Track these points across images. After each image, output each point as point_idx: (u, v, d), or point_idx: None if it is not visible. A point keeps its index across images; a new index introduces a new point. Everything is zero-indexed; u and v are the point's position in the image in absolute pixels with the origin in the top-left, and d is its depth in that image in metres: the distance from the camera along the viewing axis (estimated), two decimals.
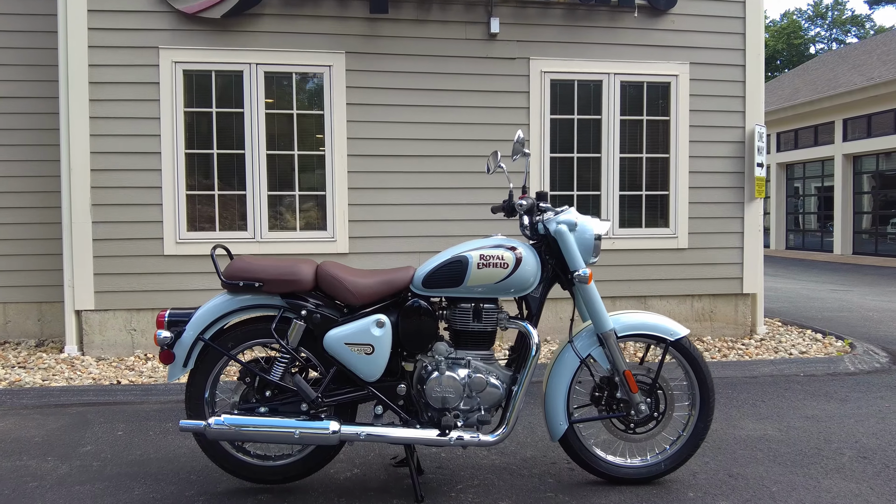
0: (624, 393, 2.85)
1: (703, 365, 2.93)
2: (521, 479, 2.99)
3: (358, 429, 2.66)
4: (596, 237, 2.82)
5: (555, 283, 2.90)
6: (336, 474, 3.05)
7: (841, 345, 6.05)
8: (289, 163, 5.77)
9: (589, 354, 2.85)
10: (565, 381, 2.83)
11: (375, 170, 5.82)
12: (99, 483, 2.97)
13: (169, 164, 5.54)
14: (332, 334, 2.68)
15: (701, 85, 6.29)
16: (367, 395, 2.74)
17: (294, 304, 2.72)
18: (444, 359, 2.73)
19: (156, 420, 3.92)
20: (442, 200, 5.89)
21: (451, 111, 5.90)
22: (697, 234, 6.30)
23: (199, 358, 2.76)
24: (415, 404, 2.77)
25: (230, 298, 2.76)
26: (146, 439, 3.57)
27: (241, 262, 2.74)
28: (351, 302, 2.72)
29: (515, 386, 2.76)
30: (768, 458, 3.27)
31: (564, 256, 2.78)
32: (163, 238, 5.55)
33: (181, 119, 5.57)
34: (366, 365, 2.68)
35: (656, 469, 2.94)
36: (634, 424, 2.89)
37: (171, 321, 2.74)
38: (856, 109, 16.44)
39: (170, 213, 5.55)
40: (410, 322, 2.72)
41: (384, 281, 2.75)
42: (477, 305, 2.75)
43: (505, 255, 2.71)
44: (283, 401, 2.73)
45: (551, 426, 2.85)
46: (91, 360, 5.37)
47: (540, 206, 2.82)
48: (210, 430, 2.61)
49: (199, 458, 3.22)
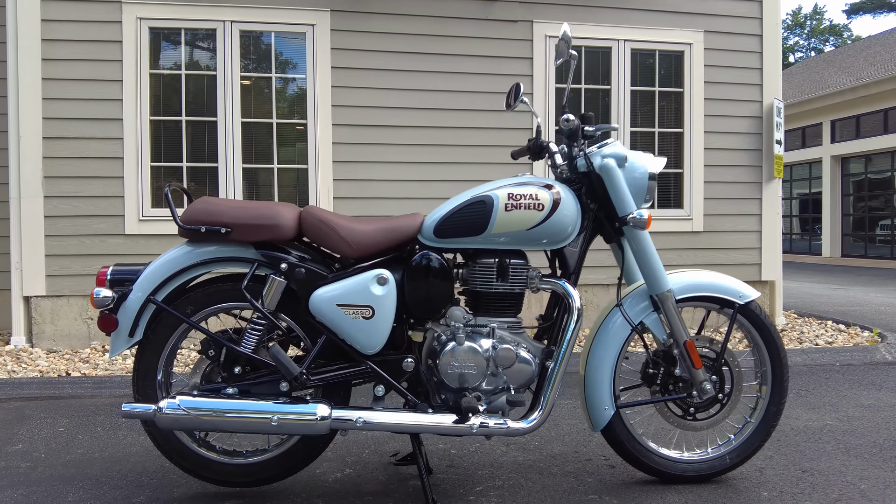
0: (684, 369, 2.30)
1: (777, 335, 2.39)
2: (552, 479, 2.43)
3: (353, 413, 2.08)
4: (650, 176, 2.28)
5: (596, 235, 2.35)
6: (323, 475, 2.46)
7: (869, 335, 5.58)
8: (266, 132, 5.18)
9: (641, 322, 2.30)
10: (612, 354, 2.28)
11: (363, 141, 5.25)
12: (23, 488, 2.35)
13: (132, 133, 4.92)
14: (321, 294, 2.10)
15: (716, 55, 5.81)
16: (364, 371, 2.16)
17: (271, 257, 2.13)
18: (463, 326, 2.17)
19: (105, 415, 3.30)
20: (437, 176, 5.32)
21: (449, 77, 5.35)
22: (713, 215, 5.80)
23: (150, 326, 2.16)
24: (424, 384, 2.20)
25: (189, 250, 2.17)
26: (91, 436, 2.95)
27: (205, 202, 2.16)
28: (345, 253, 2.15)
29: (551, 361, 2.20)
30: (839, 450, 2.74)
31: (612, 198, 2.23)
32: (124, 215, 4.92)
33: (146, 82, 4.95)
34: (364, 333, 2.10)
35: (720, 464, 2.39)
36: (695, 408, 2.35)
37: (114, 279, 2.14)
38: (844, 110, 16.17)
39: (132, 188, 4.93)
40: (419, 281, 2.15)
41: (386, 229, 2.18)
42: (502, 261, 2.19)
43: (540, 193, 2.16)
44: (256, 379, 2.14)
45: (593, 412, 2.30)
46: (41, 352, 4.71)
47: (585, 130, 2.26)
48: (161, 417, 2.02)
49: (154, 457, 2.61)
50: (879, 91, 14.84)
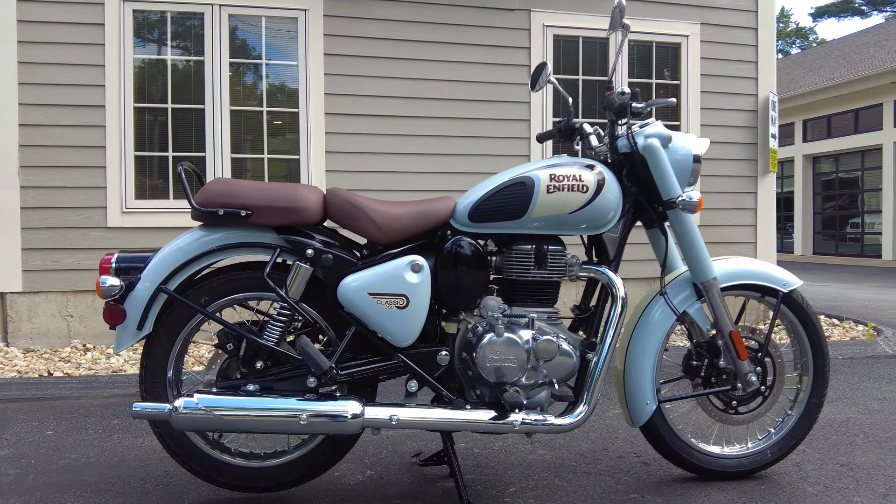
0: (728, 360, 2.19)
1: (818, 324, 2.30)
2: (587, 479, 2.30)
3: (387, 411, 1.92)
4: (695, 158, 2.17)
5: (636, 220, 2.23)
6: (343, 478, 2.30)
7: (864, 329, 5.58)
8: (256, 121, 4.97)
9: (684, 311, 2.19)
10: (654, 345, 2.16)
11: (357, 131, 5.07)
12: (15, 498, 2.14)
13: (115, 120, 4.67)
14: (351, 282, 1.94)
15: (712, 48, 5.75)
16: (396, 365, 2.00)
17: (296, 242, 1.97)
18: (501, 317, 2.03)
19: (97, 416, 3.09)
20: (435, 168, 5.16)
21: (445, 66, 5.20)
22: (709, 209, 5.74)
23: (160, 318, 1.98)
24: (457, 378, 2.05)
25: (203, 235, 1.99)
26: (84, 440, 2.75)
27: (223, 183, 1.98)
28: (375, 238, 1.99)
29: (591, 354, 2.07)
30: (872, 444, 2.67)
31: (656, 181, 2.11)
32: (106, 207, 4.67)
33: (130, 68, 4.71)
34: (397, 324, 1.95)
35: (761, 459, 2.29)
36: (737, 402, 2.24)
37: (119, 267, 1.96)
38: (816, 110, 16.38)
39: (115, 178, 4.68)
40: (454, 268, 2.00)
41: (418, 213, 2.03)
42: (540, 247, 2.05)
43: (583, 175, 2.03)
44: (278, 375, 1.98)
45: (633, 407, 2.18)
46: (17, 351, 4.45)
47: (633, 106, 2.14)
48: (178, 417, 1.84)
49: (157, 461, 2.43)
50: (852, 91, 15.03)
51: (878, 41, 17.72)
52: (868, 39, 18.82)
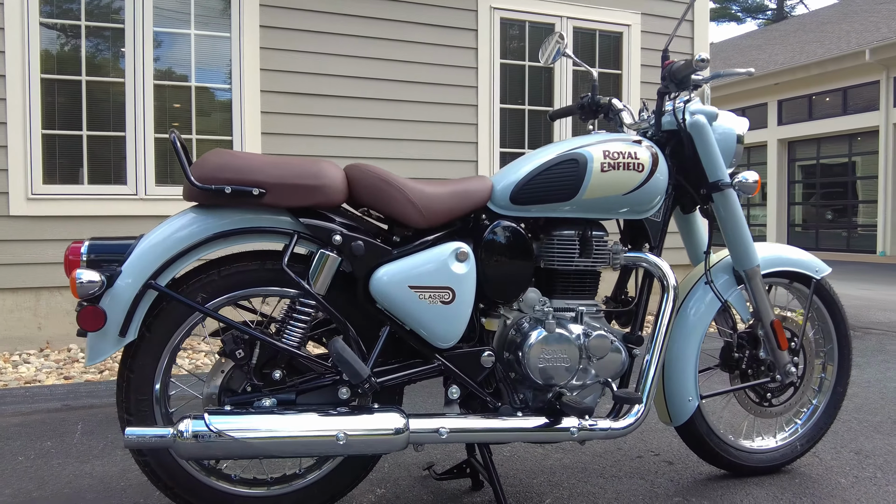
0: (768, 351, 2.09)
1: (844, 312, 2.25)
2: (620, 483, 2.13)
3: (433, 423, 1.65)
4: (738, 139, 2.04)
5: (676, 205, 2.08)
6: (354, 499, 2.01)
7: None
8: (184, 97, 4.47)
9: (726, 299, 2.06)
10: (697, 336, 2.01)
11: (298, 111, 4.68)
12: None
13: (18, 93, 4.04)
14: (387, 273, 1.65)
15: (652, 38, 5.79)
16: (436, 369, 1.74)
17: (318, 228, 1.65)
18: (551, 311, 1.81)
19: (23, 439, 2.59)
20: (384, 154, 4.86)
21: (391, 46, 4.90)
22: None
23: (145, 321, 1.61)
24: (497, 381, 1.82)
25: (203, 219, 1.63)
26: (16, 470, 2.27)
27: (225, 155, 1.63)
28: (412, 222, 1.71)
29: (641, 350, 1.90)
30: (868, 428, 2.68)
31: (702, 161, 1.96)
32: (8, 193, 4.03)
33: (36, 34, 4.08)
34: (441, 321, 1.68)
35: (791, 451, 2.21)
36: (771, 393, 2.14)
37: (92, 259, 1.57)
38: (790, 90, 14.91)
39: (18, 159, 4.05)
40: (498, 257, 1.77)
41: (458, 192, 1.76)
42: (585, 232, 1.85)
43: (638, 152, 1.84)
44: (301, 386, 1.66)
45: (674, 404, 2.02)
46: None
47: (694, 78, 1.96)
48: (185, 444, 1.48)
49: (118, 493, 2.03)
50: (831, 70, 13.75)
51: (758, 47, 18.43)
52: None
